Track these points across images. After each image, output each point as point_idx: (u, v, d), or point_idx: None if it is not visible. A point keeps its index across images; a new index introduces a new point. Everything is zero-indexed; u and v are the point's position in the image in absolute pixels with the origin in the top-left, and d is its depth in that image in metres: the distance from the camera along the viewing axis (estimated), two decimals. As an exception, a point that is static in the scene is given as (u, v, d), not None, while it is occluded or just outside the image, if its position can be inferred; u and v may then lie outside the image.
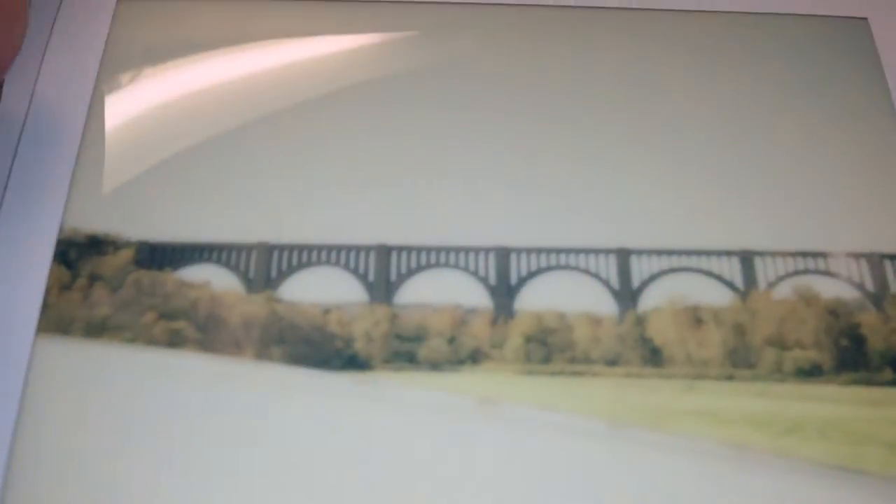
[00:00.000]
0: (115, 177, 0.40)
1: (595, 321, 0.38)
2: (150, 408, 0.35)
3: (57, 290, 0.37)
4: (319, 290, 0.38)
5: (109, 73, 0.43)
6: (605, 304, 0.39)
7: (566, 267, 0.39)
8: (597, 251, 0.40)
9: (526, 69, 0.45)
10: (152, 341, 0.37)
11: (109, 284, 0.38)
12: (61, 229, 0.39)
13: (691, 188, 0.41)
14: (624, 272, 0.39)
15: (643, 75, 0.44)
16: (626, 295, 0.39)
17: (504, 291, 0.39)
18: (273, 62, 0.44)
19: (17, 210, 0.39)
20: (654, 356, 0.38)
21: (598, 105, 0.43)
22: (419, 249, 0.39)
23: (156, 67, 0.44)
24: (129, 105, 0.43)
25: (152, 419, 0.35)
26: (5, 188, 0.39)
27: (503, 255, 0.39)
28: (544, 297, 0.39)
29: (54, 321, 0.37)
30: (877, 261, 0.40)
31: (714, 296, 0.39)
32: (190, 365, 0.36)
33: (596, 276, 0.39)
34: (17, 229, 0.39)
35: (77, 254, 0.38)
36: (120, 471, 0.34)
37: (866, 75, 0.45)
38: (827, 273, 0.40)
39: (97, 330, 0.37)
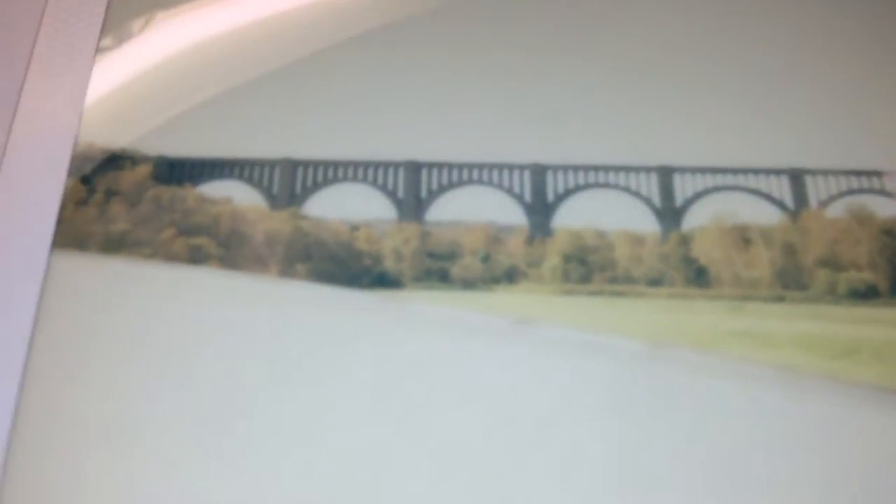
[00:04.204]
0: (131, 90, 0.39)
1: (637, 240, 0.36)
2: (169, 325, 0.34)
3: (72, 205, 0.36)
4: (346, 207, 0.37)
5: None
6: (646, 223, 0.37)
7: (605, 185, 0.37)
8: (637, 169, 0.38)
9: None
10: (172, 257, 0.35)
11: (127, 200, 0.36)
12: (76, 144, 0.37)
13: (737, 102, 0.39)
14: (666, 190, 0.37)
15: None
16: (669, 214, 0.37)
17: (540, 209, 0.37)
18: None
19: (30, 122, 0.37)
20: (699, 276, 0.36)
21: (638, 18, 0.41)
22: (450, 166, 0.37)
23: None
24: (144, 19, 0.41)
25: (172, 337, 0.33)
26: (18, 99, 0.38)
27: (539, 172, 0.37)
28: (582, 215, 0.37)
29: (70, 236, 0.35)
30: (936, 179, 0.38)
31: (762, 215, 0.37)
32: (211, 282, 0.35)
33: (637, 194, 0.37)
34: (31, 142, 0.37)
35: (93, 169, 0.37)
36: (137, 388, 0.32)
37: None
38: (882, 192, 0.37)
39: (114, 245, 0.35)
